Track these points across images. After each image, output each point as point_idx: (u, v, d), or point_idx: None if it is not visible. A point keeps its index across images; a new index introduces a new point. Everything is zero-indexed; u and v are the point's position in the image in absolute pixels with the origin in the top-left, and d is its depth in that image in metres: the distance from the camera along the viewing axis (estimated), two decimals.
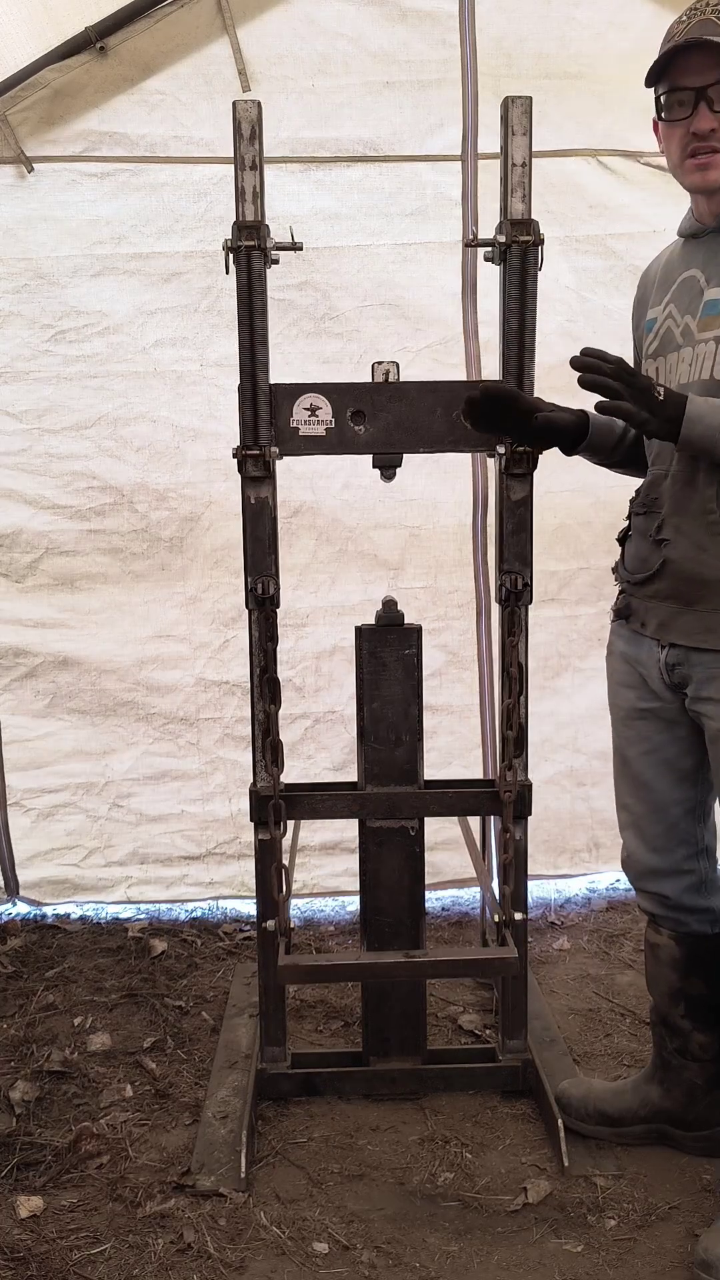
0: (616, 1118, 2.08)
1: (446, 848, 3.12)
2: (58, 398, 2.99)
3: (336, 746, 3.16)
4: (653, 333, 1.84)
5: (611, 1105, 2.09)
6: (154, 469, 3.03)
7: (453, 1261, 1.81)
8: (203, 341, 2.99)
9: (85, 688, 3.12)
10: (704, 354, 1.69)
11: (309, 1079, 2.27)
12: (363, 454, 2.12)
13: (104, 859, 3.19)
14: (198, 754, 3.16)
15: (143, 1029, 2.57)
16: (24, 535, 3.04)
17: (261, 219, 2.01)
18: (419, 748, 2.22)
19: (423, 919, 2.28)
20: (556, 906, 3.21)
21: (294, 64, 2.87)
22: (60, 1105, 2.26)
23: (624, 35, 2.88)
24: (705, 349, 1.69)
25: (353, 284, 2.97)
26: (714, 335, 1.68)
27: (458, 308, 2.98)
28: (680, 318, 1.75)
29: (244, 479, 2.09)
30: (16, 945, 3.00)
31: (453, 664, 3.15)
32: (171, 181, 2.92)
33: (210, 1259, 1.80)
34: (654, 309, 1.85)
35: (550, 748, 3.16)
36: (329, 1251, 1.83)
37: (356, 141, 2.92)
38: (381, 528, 3.07)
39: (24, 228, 2.92)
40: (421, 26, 2.86)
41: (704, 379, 1.69)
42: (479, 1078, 2.29)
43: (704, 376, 1.69)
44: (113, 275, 2.96)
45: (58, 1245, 1.84)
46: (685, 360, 1.74)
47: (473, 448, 2.15)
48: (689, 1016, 1.99)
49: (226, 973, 2.85)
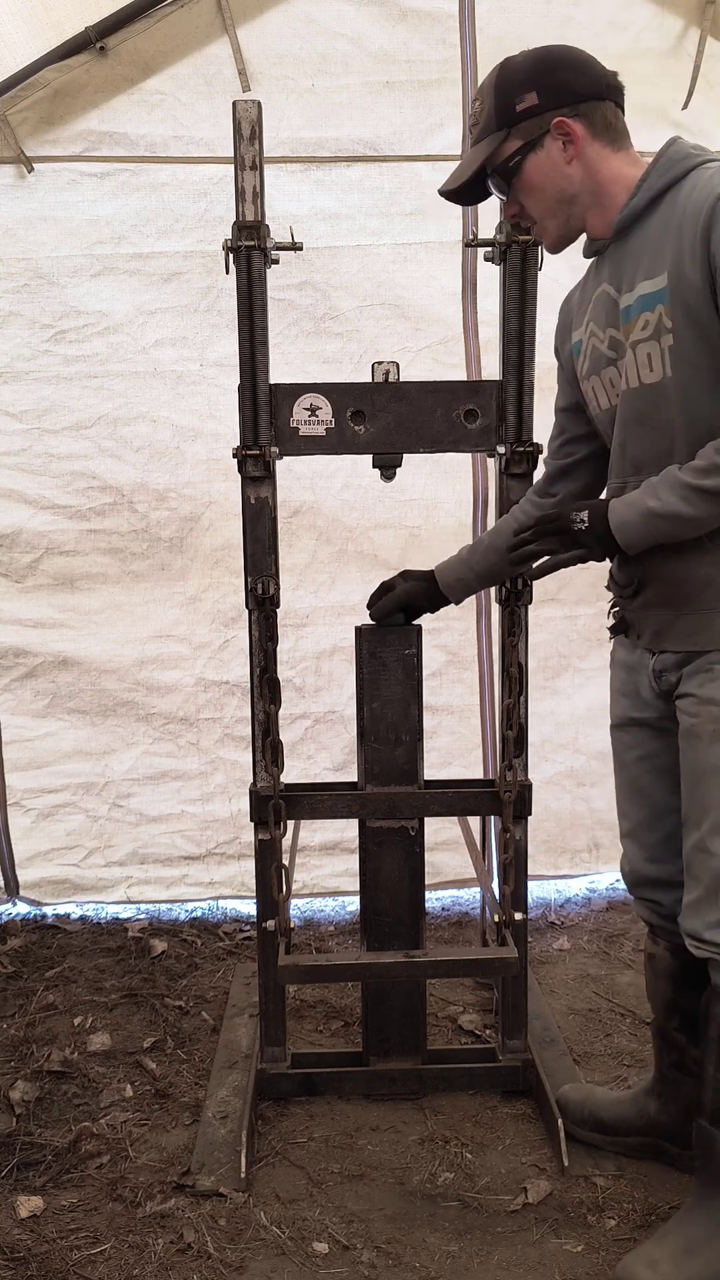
0: (612, 1127, 2.07)
1: (446, 848, 3.12)
2: (58, 398, 2.99)
3: (336, 746, 3.16)
4: (581, 354, 1.85)
5: (608, 1114, 2.08)
6: (154, 469, 3.03)
7: (453, 1261, 1.81)
8: (203, 341, 2.99)
9: (85, 688, 3.12)
10: (628, 364, 1.70)
11: (309, 1079, 2.27)
12: (363, 454, 2.12)
13: (104, 859, 3.19)
14: (198, 754, 3.16)
15: (143, 1029, 2.57)
16: (24, 535, 3.04)
17: (261, 219, 2.01)
18: (419, 748, 2.22)
19: (423, 919, 2.28)
20: (556, 906, 3.21)
21: (294, 64, 2.87)
22: (60, 1105, 2.26)
23: (622, 35, 2.89)
24: (628, 359, 1.69)
25: (353, 284, 2.97)
26: (632, 341, 1.68)
27: (458, 307, 2.98)
28: (603, 333, 1.76)
29: (244, 479, 2.09)
30: (16, 945, 3.00)
31: (453, 664, 3.15)
32: (171, 181, 2.92)
33: (210, 1259, 1.80)
34: (577, 331, 1.86)
35: (550, 748, 3.16)
36: (329, 1251, 1.83)
37: (356, 141, 2.92)
38: (381, 528, 3.08)
39: (24, 228, 2.92)
40: (421, 26, 2.86)
41: (633, 387, 1.70)
42: (479, 1078, 2.28)
43: (632, 385, 1.70)
44: (113, 275, 2.96)
45: (58, 1245, 1.84)
46: (618, 373, 1.74)
47: (473, 448, 2.15)
48: (683, 1030, 1.98)
49: (226, 973, 2.85)
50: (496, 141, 1.71)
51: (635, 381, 1.69)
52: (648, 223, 1.66)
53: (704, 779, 1.69)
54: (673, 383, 1.63)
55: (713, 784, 1.67)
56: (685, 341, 1.59)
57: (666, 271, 1.60)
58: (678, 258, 1.58)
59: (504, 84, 1.70)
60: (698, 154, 1.64)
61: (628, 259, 1.69)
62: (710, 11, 2.88)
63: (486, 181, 1.77)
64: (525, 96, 1.68)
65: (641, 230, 1.67)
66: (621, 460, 1.77)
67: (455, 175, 1.79)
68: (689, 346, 1.59)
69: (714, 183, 1.55)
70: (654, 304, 1.62)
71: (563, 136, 1.68)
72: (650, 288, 1.63)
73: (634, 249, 1.68)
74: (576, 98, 1.68)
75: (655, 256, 1.63)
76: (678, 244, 1.59)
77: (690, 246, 1.56)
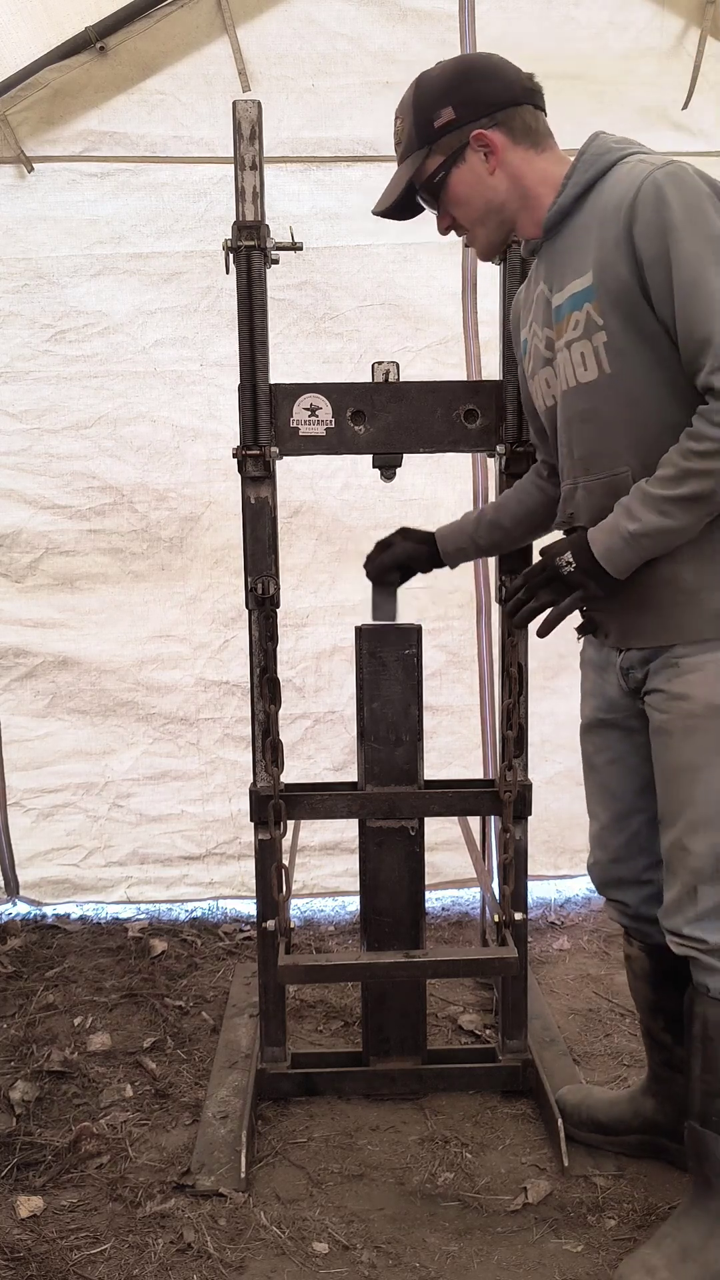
0: (610, 1127, 2.07)
1: (446, 848, 3.12)
2: (57, 398, 2.99)
3: (336, 746, 3.16)
4: (527, 353, 1.86)
5: (605, 1114, 2.08)
6: (154, 469, 3.03)
7: (453, 1261, 1.81)
8: (203, 341, 2.99)
9: (85, 688, 3.12)
10: (563, 363, 1.71)
11: (309, 1079, 2.27)
12: (363, 454, 2.12)
13: (104, 859, 3.19)
14: (198, 754, 3.16)
15: (143, 1029, 2.57)
16: (24, 535, 3.04)
17: (261, 219, 2.01)
18: (419, 748, 2.22)
19: (423, 919, 2.28)
20: (556, 906, 3.21)
21: (294, 64, 2.87)
22: (60, 1105, 2.26)
23: (622, 35, 2.89)
24: (563, 358, 1.70)
25: (353, 284, 2.97)
26: (565, 341, 1.68)
27: (458, 307, 2.98)
28: (541, 332, 1.77)
29: (244, 479, 2.09)
30: (16, 945, 3.00)
31: (453, 664, 3.15)
32: (171, 181, 2.92)
33: (210, 1259, 1.80)
34: (524, 330, 1.87)
35: (550, 748, 3.16)
36: (329, 1251, 1.83)
37: (356, 141, 2.92)
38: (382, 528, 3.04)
39: (24, 228, 2.92)
40: (421, 26, 2.86)
41: (570, 386, 1.70)
42: (479, 1078, 2.28)
43: (570, 384, 1.70)
44: (112, 275, 2.96)
45: (58, 1245, 1.84)
46: (555, 373, 1.75)
47: (472, 448, 2.15)
48: (669, 1030, 1.97)
49: (226, 973, 2.85)
50: (420, 159, 1.73)
51: (572, 380, 1.69)
52: (575, 220, 1.66)
53: (677, 776, 1.69)
54: (610, 379, 1.62)
55: (686, 781, 1.67)
56: (618, 336, 1.59)
57: (591, 269, 1.60)
58: (601, 253, 1.58)
59: (421, 101, 1.70)
60: (620, 148, 1.64)
61: (559, 257, 1.70)
62: (710, 11, 2.88)
63: (416, 198, 1.79)
64: (441, 112, 1.69)
65: (569, 228, 1.68)
66: (570, 461, 1.77)
67: (385, 196, 1.81)
68: (622, 341, 1.59)
69: (634, 175, 1.55)
70: (582, 302, 1.63)
71: (483, 148, 1.69)
72: (578, 286, 1.64)
73: (564, 247, 1.69)
74: (493, 106, 1.69)
75: (581, 254, 1.63)
76: (600, 239, 1.58)
77: (615, 240, 1.55)
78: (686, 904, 1.69)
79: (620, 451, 1.65)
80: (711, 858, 1.65)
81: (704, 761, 1.64)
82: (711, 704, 1.63)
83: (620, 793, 1.92)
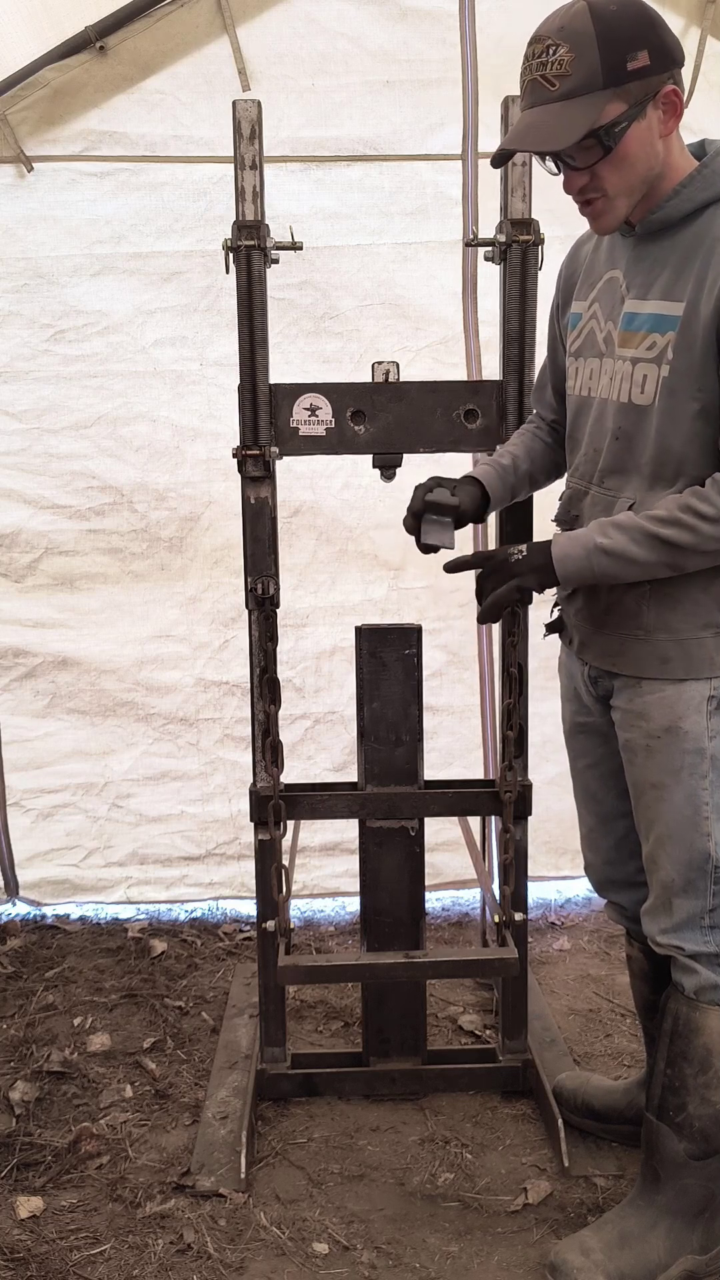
0: (603, 1114, 2.10)
1: (446, 848, 3.12)
2: (57, 397, 2.99)
3: (336, 747, 3.15)
4: (577, 329, 1.77)
5: (600, 1102, 2.11)
6: (154, 469, 3.03)
7: (453, 1262, 1.81)
8: (203, 341, 2.98)
9: (85, 688, 3.11)
10: (622, 373, 1.64)
11: (309, 1079, 2.27)
12: (363, 454, 2.12)
13: (104, 859, 3.18)
14: (197, 754, 3.16)
15: (142, 1029, 2.56)
16: (23, 535, 3.03)
17: (261, 218, 2.01)
18: (419, 748, 2.22)
19: (423, 919, 2.28)
20: (557, 907, 3.21)
21: (294, 63, 2.86)
22: (60, 1105, 2.26)
23: None
24: (623, 368, 1.64)
25: (353, 283, 2.97)
26: (631, 355, 1.62)
27: (458, 307, 2.98)
28: (603, 322, 1.69)
29: (244, 479, 2.09)
30: (16, 945, 3.00)
31: (453, 664, 3.14)
32: (171, 181, 2.91)
33: (210, 1259, 1.80)
34: (579, 303, 1.77)
35: (551, 748, 3.14)
36: (329, 1252, 1.83)
37: (356, 141, 2.91)
38: (382, 528, 3.07)
39: (24, 227, 2.92)
40: (422, 25, 2.85)
41: (621, 402, 1.65)
42: (479, 1078, 2.28)
43: (621, 400, 1.65)
44: (112, 275, 2.95)
45: (58, 1245, 1.84)
46: (606, 373, 1.69)
47: (473, 448, 2.15)
48: None
49: (226, 973, 2.85)
50: (603, 102, 1.47)
51: (625, 397, 1.65)
52: (679, 234, 1.57)
53: (645, 793, 1.74)
54: (657, 411, 1.60)
55: (652, 798, 1.71)
56: (678, 374, 1.56)
57: (686, 300, 1.54)
58: (697, 292, 1.52)
59: (610, 35, 1.44)
60: None
61: (647, 259, 1.61)
62: (710, 11, 2.88)
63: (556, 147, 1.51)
64: (638, 55, 1.45)
65: (670, 238, 1.58)
66: (588, 464, 1.75)
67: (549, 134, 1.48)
68: (679, 380, 1.56)
69: None
70: (666, 329, 1.56)
71: (666, 106, 1.50)
72: (666, 310, 1.56)
73: (658, 254, 1.60)
74: (676, 64, 1.50)
75: (678, 277, 1.56)
76: (700, 276, 1.52)
77: (712, 283, 1.50)
78: (662, 914, 1.73)
79: (633, 477, 1.65)
80: (679, 872, 1.69)
81: (666, 780, 1.69)
82: (668, 726, 1.67)
83: (602, 796, 1.94)
